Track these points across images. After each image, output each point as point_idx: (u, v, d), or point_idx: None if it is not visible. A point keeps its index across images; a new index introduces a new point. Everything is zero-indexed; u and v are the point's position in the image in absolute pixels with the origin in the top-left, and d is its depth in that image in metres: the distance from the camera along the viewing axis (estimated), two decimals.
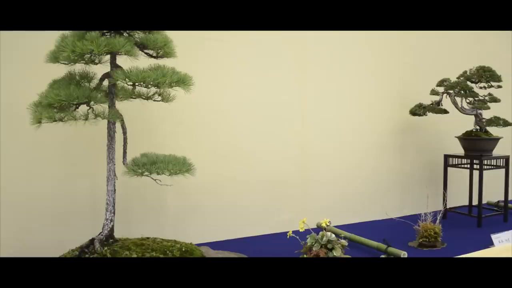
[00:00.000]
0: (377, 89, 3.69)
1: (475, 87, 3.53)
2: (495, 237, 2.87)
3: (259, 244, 2.99)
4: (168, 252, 2.18)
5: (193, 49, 2.88)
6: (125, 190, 2.56)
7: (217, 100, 3.02)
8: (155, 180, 2.11)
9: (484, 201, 3.60)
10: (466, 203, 3.84)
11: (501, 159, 3.56)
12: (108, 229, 2.17)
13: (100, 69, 2.18)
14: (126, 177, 2.13)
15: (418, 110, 3.54)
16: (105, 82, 2.19)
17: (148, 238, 2.35)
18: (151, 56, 2.24)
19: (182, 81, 2.05)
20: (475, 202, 3.61)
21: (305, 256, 2.37)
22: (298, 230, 2.44)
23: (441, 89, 3.54)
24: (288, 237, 2.43)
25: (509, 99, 4.10)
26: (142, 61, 2.15)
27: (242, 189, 3.12)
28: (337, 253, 2.33)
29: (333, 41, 3.45)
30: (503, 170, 3.58)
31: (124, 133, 2.20)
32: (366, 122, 3.64)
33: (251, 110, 3.14)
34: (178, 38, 2.29)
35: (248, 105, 3.13)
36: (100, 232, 2.17)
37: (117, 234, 2.27)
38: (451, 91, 3.48)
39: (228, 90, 3.05)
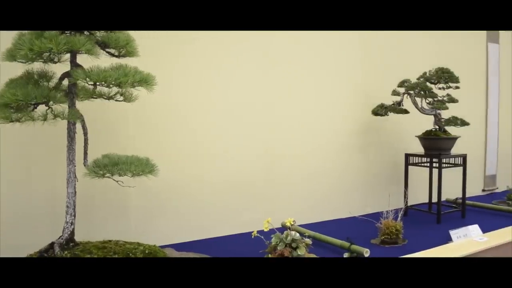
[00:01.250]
0: (341, 89, 3.75)
1: (434, 88, 3.63)
2: (453, 233, 2.97)
3: (224, 244, 2.99)
4: (131, 255, 2.15)
5: (158, 48, 2.83)
6: (86, 192, 2.50)
7: (182, 100, 2.98)
8: (117, 181, 2.08)
9: (443, 198, 3.72)
10: (426, 200, 3.94)
11: (459, 158, 3.68)
12: (69, 232, 2.12)
13: (59, 68, 2.12)
14: (87, 178, 2.08)
15: (380, 110, 3.61)
16: (65, 82, 2.13)
17: (110, 241, 2.30)
18: (113, 55, 2.20)
19: (145, 80, 2.02)
20: (434, 199, 3.71)
21: (269, 255, 2.38)
22: (263, 230, 2.45)
23: (402, 90, 3.63)
24: (253, 237, 2.43)
25: (467, 100, 4.24)
26: (103, 60, 2.11)
27: (207, 189, 3.10)
28: (302, 251, 2.36)
29: (298, 42, 3.47)
30: (461, 168, 3.70)
31: (85, 133, 2.15)
32: (330, 122, 3.69)
33: (216, 110, 3.13)
34: (142, 37, 2.26)
35: (213, 105, 3.12)
36: (60, 236, 2.12)
37: (78, 238, 2.22)
38: (411, 92, 3.57)
39: (193, 90, 3.02)
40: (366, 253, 2.62)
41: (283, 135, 3.44)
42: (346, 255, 2.65)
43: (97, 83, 2.01)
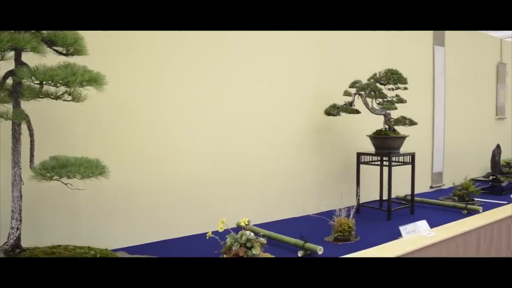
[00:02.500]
0: (294, 89, 3.78)
1: (384, 89, 3.73)
2: (402, 228, 3.07)
3: (178, 246, 2.95)
4: None
5: (109, 47, 2.77)
6: (33, 196, 2.41)
7: (134, 100, 2.92)
8: (65, 184, 2.01)
9: (393, 196, 3.84)
10: (377, 197, 4.05)
11: (408, 156, 3.80)
12: (14, 238, 2.03)
13: (3, 66, 2.03)
14: (33, 182, 2.01)
15: (333, 110, 3.68)
16: (9, 80, 2.04)
17: (59, 246, 2.22)
18: (60, 53, 2.13)
19: (94, 80, 1.97)
20: (385, 196, 3.81)
21: (224, 256, 2.38)
22: (218, 231, 2.44)
23: (353, 90, 3.71)
24: (207, 237, 2.42)
25: (415, 100, 4.39)
26: (51, 59, 2.04)
27: (161, 190, 3.05)
28: (256, 251, 2.37)
29: (252, 41, 3.48)
30: (410, 166, 3.83)
31: (31, 135, 2.07)
32: (283, 122, 3.72)
33: (169, 110, 3.08)
34: (92, 36, 2.20)
35: (166, 105, 3.07)
36: (6, 242, 2.03)
37: (25, 243, 2.13)
38: (362, 92, 3.66)
39: (145, 90, 2.96)
40: (320, 250, 2.66)
41: (237, 135, 3.44)
42: (300, 253, 2.68)
43: (44, 82, 1.94)
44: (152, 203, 3.02)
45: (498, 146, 5.20)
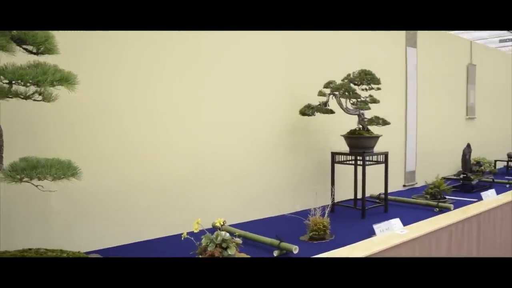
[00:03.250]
0: (270, 90, 3.79)
1: (358, 89, 3.77)
2: (376, 227, 3.11)
3: (153, 247, 2.92)
4: None
5: (83, 47, 2.72)
6: (2, 199, 2.35)
7: (108, 100, 2.88)
8: (36, 186, 1.97)
9: (367, 194, 3.89)
10: (352, 196, 4.10)
11: (381, 155, 3.86)
12: None
13: None
14: (3, 184, 1.96)
15: (307, 111, 3.70)
16: None
17: (30, 249, 2.18)
18: (30, 52, 2.08)
19: (66, 79, 1.93)
20: (359, 195, 3.86)
21: (200, 256, 2.37)
22: (193, 231, 2.43)
23: (327, 91, 3.74)
24: (182, 238, 2.41)
25: (388, 100, 4.46)
26: (20, 58, 2.00)
27: (135, 191, 3.01)
28: (232, 251, 2.37)
29: (227, 42, 3.48)
30: (383, 165, 3.88)
31: (0, 135, 2.02)
32: (259, 122, 3.72)
33: (143, 110, 3.04)
34: (64, 35, 2.16)
35: (140, 105, 3.03)
36: None
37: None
38: (336, 93, 3.69)
39: (119, 90, 2.93)
40: (295, 250, 2.68)
41: (212, 135, 3.42)
42: (275, 253, 2.69)
43: (13, 82, 1.89)
44: (126, 204, 2.97)
45: (468, 145, 5.32)
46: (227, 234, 2.42)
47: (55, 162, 1.98)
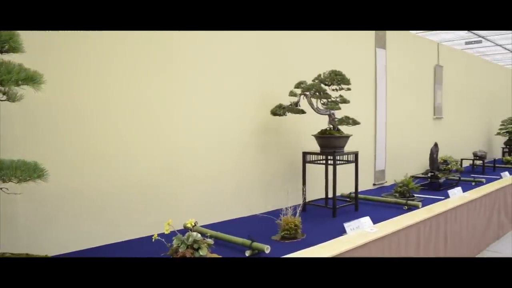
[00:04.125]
0: (242, 90, 3.79)
1: (328, 89, 3.81)
2: (347, 225, 3.15)
3: (124, 249, 2.87)
4: None
5: (51, 46, 2.66)
6: None
7: (77, 100, 2.82)
8: (1, 188, 1.91)
9: (338, 193, 3.94)
10: (323, 195, 4.14)
11: (352, 155, 3.91)
12: None
13: None
14: None
15: (279, 111, 3.72)
16: None
17: None
18: None
19: (31, 79, 1.89)
20: (330, 194, 3.90)
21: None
22: (164, 233, 2.41)
23: (298, 91, 3.77)
24: (153, 240, 2.38)
25: (358, 101, 4.53)
26: None
27: (105, 192, 2.96)
28: (204, 252, 2.36)
29: (200, 41, 3.46)
30: (353, 164, 3.94)
31: None
32: (231, 122, 3.72)
33: (115, 110, 3.00)
34: (30, 33, 2.11)
35: (112, 106, 2.98)
36: None
37: None
38: (307, 93, 3.72)
39: (90, 90, 2.87)
40: (267, 249, 2.69)
41: (183, 135, 3.40)
42: (247, 253, 2.69)
43: None
44: (96, 206, 2.92)
45: (435, 145, 5.45)
46: (199, 235, 2.41)
47: (21, 163, 1.93)
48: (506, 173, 6.19)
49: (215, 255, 2.45)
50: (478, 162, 7.00)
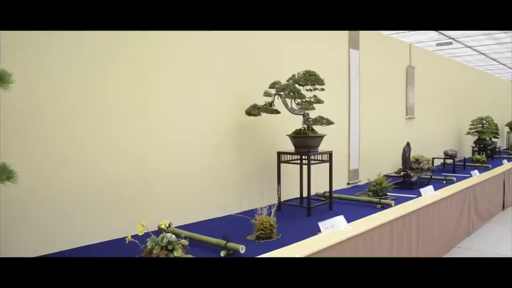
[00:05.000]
0: (216, 89, 3.78)
1: (303, 90, 3.84)
2: (321, 224, 3.18)
3: (97, 252, 2.82)
4: None
5: (22, 45, 2.60)
6: None
7: (49, 100, 2.75)
8: None
9: (312, 193, 3.96)
10: (298, 195, 4.16)
11: (326, 154, 3.95)
12: None
13: None
14: None
15: (253, 110, 3.72)
16: None
17: None
18: None
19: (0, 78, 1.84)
20: (305, 194, 3.92)
21: None
22: (138, 234, 2.38)
23: (273, 91, 3.78)
24: (127, 242, 2.36)
25: (332, 101, 4.58)
26: None
27: (77, 194, 2.90)
28: (178, 253, 2.35)
29: (174, 41, 3.43)
30: (328, 164, 3.97)
31: None
32: (205, 122, 3.70)
33: (84, 111, 2.94)
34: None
35: (83, 106, 2.93)
36: None
37: None
38: (282, 93, 3.74)
39: (57, 91, 2.81)
40: (242, 249, 2.69)
41: (157, 135, 3.37)
42: (222, 253, 2.69)
43: None
44: (68, 207, 2.86)
45: (408, 144, 5.55)
46: (173, 236, 2.40)
47: None
48: (476, 171, 6.35)
49: (190, 256, 2.44)
50: (449, 161, 7.16)
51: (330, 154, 3.96)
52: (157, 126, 3.36)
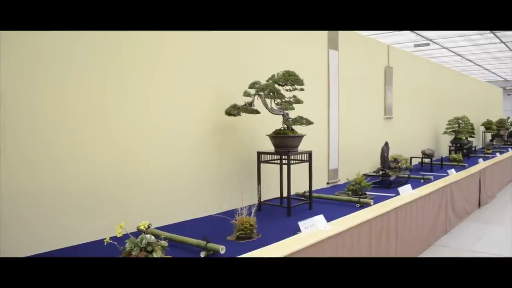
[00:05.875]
0: (196, 89, 3.76)
1: (282, 90, 3.85)
2: (301, 224, 3.19)
3: (74, 254, 2.78)
4: None
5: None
6: None
7: (22, 99, 2.70)
8: None
9: (292, 192, 3.98)
10: (278, 195, 4.17)
11: (305, 154, 3.96)
12: None
13: None
14: None
15: (233, 111, 3.72)
16: None
17: None
18: None
19: None
20: (285, 193, 3.93)
21: None
22: (117, 236, 2.36)
23: (252, 91, 3.78)
24: (105, 243, 2.33)
25: (311, 101, 4.61)
26: None
27: (52, 196, 2.84)
28: (157, 254, 2.33)
29: (152, 40, 3.40)
30: (307, 163, 3.99)
31: None
32: (184, 121, 3.68)
33: (62, 110, 2.89)
34: None
35: (59, 105, 2.88)
36: None
37: None
38: (261, 93, 3.74)
39: (36, 89, 2.76)
40: (222, 250, 2.68)
41: (135, 135, 3.33)
42: (202, 254, 2.68)
43: None
44: (41, 209, 2.80)
45: (386, 144, 5.61)
46: (152, 237, 2.38)
47: None
48: (453, 170, 6.46)
49: (170, 257, 2.42)
50: (427, 160, 7.27)
51: (309, 154, 3.98)
52: (135, 126, 3.33)
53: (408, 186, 4.87)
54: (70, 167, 2.95)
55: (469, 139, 9.01)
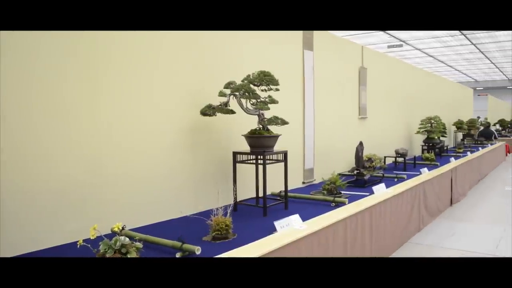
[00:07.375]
0: (171, 88, 3.73)
1: (258, 90, 3.85)
2: (277, 223, 3.20)
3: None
4: None
5: None
6: None
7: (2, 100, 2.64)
8: None
9: (268, 192, 3.99)
10: (254, 195, 4.17)
11: (281, 154, 3.98)
12: None
13: None
14: None
15: (208, 111, 3.70)
16: None
17: None
18: None
19: None
20: (261, 193, 3.94)
21: None
22: (90, 238, 2.32)
23: (228, 91, 3.77)
24: (78, 246, 2.29)
25: (287, 101, 4.62)
26: None
27: (23, 197, 2.78)
28: (132, 256, 2.30)
29: (127, 39, 3.36)
30: (283, 163, 4.01)
31: None
32: (158, 121, 3.64)
33: (35, 110, 2.82)
34: None
35: (33, 105, 2.81)
36: None
37: None
38: (237, 93, 3.74)
39: (10, 88, 2.69)
40: (198, 250, 2.67)
41: (108, 135, 3.28)
42: (178, 254, 2.66)
43: None
44: (11, 211, 2.74)
45: (361, 143, 5.68)
46: (127, 239, 2.35)
47: None
48: (425, 169, 6.59)
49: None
50: (400, 159, 7.40)
51: (285, 153, 3.99)
52: (108, 126, 3.28)
53: (382, 185, 4.94)
54: (41, 167, 2.88)
55: (441, 138, 9.20)
